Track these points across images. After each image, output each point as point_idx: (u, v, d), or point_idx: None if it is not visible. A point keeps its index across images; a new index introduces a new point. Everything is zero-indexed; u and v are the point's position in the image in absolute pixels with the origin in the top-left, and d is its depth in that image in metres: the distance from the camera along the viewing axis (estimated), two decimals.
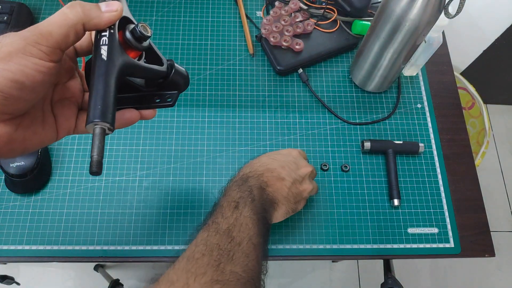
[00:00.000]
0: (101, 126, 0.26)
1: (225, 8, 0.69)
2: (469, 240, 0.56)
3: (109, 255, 0.51)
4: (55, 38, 0.26)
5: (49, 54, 0.27)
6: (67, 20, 0.27)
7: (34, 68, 0.26)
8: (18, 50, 0.25)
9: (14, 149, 0.29)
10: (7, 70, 0.25)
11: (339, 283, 1.31)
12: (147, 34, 0.29)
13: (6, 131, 0.27)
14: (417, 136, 0.61)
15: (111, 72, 0.27)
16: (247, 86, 0.63)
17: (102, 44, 0.27)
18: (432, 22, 0.49)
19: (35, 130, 0.30)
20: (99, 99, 0.26)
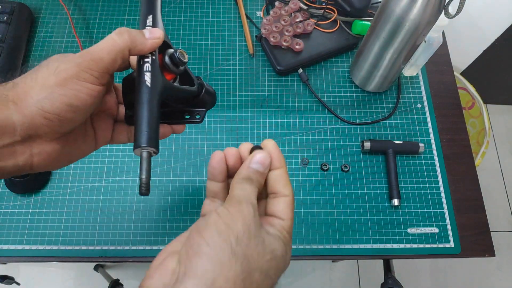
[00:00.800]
0: (147, 150, 0.28)
1: (225, 8, 0.69)
2: (469, 240, 0.56)
3: (109, 255, 0.51)
4: (105, 63, 0.28)
5: (99, 78, 0.28)
6: (116, 46, 0.29)
7: (86, 92, 0.28)
8: (73, 76, 0.27)
9: (61, 163, 0.31)
10: (63, 95, 0.27)
11: (339, 283, 1.31)
12: (184, 60, 0.32)
13: (56, 148, 0.29)
14: (417, 136, 0.61)
15: (154, 98, 0.29)
16: (247, 86, 0.63)
17: (146, 71, 0.29)
18: (432, 22, 0.49)
19: (79, 144, 0.32)
20: (145, 125, 0.28)
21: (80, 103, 0.28)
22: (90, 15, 0.66)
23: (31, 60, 0.62)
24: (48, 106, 0.27)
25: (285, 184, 0.30)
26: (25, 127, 0.27)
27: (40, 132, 0.28)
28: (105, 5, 0.67)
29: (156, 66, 0.30)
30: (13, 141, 0.27)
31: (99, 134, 0.34)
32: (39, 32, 0.64)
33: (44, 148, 0.29)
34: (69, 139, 0.31)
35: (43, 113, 0.27)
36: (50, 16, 0.66)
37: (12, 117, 0.26)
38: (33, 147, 0.28)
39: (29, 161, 0.28)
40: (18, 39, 0.60)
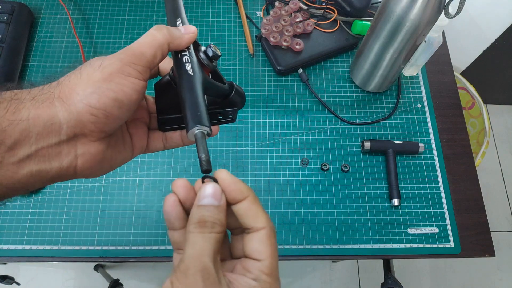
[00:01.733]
0: (201, 130, 0.28)
1: (225, 8, 0.69)
2: (469, 240, 0.56)
3: (109, 255, 0.51)
4: (147, 58, 0.28)
5: (142, 73, 0.28)
6: (156, 41, 0.29)
7: (131, 87, 0.28)
8: (117, 70, 0.27)
9: (103, 168, 0.31)
10: (109, 89, 0.27)
11: (339, 283, 1.31)
12: (218, 54, 0.32)
13: (101, 149, 0.29)
14: (417, 136, 0.61)
15: (198, 84, 0.30)
16: (247, 86, 0.63)
17: (186, 62, 0.30)
18: (432, 22, 0.49)
19: (119, 149, 0.32)
20: (195, 107, 0.28)
21: (126, 98, 0.28)
22: (90, 15, 0.66)
23: (31, 60, 0.62)
24: (95, 101, 0.26)
25: (255, 215, 0.27)
26: (72, 125, 0.26)
27: (86, 130, 0.27)
28: (105, 5, 0.67)
29: (194, 59, 0.31)
30: (59, 141, 0.26)
31: (135, 141, 0.34)
32: (39, 32, 0.64)
33: (89, 149, 0.28)
34: (111, 142, 0.30)
35: (90, 109, 0.26)
36: (50, 16, 0.66)
37: (58, 115, 0.26)
38: (78, 147, 0.28)
39: (73, 163, 0.28)
40: (18, 39, 0.60)
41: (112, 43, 0.64)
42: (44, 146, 0.26)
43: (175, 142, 0.35)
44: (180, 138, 0.35)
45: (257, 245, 0.26)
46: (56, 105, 0.26)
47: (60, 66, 0.62)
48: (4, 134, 0.24)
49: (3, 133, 0.24)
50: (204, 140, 0.28)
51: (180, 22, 0.32)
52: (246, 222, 0.27)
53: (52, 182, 0.28)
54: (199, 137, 0.28)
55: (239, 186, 0.27)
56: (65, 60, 0.62)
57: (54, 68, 0.62)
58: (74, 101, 0.26)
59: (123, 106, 0.28)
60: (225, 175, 0.28)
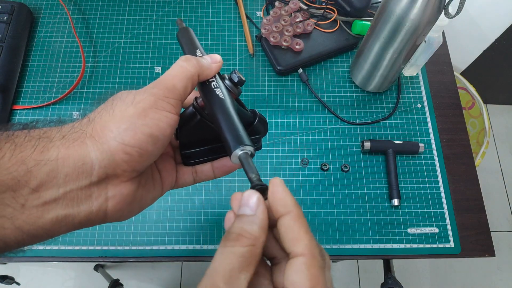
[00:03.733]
0: (245, 151, 0.27)
1: (225, 8, 0.69)
2: (469, 240, 0.56)
3: (109, 255, 0.51)
4: (178, 91, 0.28)
5: (175, 106, 0.27)
6: (187, 73, 0.28)
7: (166, 121, 0.26)
8: (151, 105, 0.26)
9: (133, 210, 0.29)
10: (144, 125, 0.25)
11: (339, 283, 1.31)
12: (243, 79, 0.32)
13: (132, 189, 0.27)
14: (417, 136, 0.61)
15: (231, 107, 0.29)
16: (247, 86, 0.63)
17: (215, 88, 0.30)
18: (432, 22, 0.49)
19: (149, 188, 0.30)
20: (234, 129, 0.28)
21: (160, 133, 0.26)
22: (90, 15, 0.66)
23: (31, 60, 0.62)
24: (129, 138, 0.25)
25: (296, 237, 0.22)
26: (104, 165, 0.25)
27: (119, 170, 0.25)
28: (105, 5, 0.67)
29: (222, 84, 0.31)
30: (89, 182, 0.25)
31: (164, 177, 0.32)
32: (39, 32, 0.64)
33: (120, 190, 0.26)
34: (141, 181, 0.29)
35: (124, 147, 0.25)
36: (50, 16, 0.66)
37: (90, 154, 0.24)
38: (108, 189, 0.26)
39: (103, 206, 0.26)
40: (18, 39, 0.60)
41: (112, 43, 0.64)
42: (73, 188, 0.24)
43: (206, 175, 0.34)
44: (211, 170, 0.34)
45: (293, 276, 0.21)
46: (87, 144, 0.25)
47: (60, 66, 0.62)
48: (29, 175, 0.23)
49: (28, 174, 0.23)
50: (250, 160, 0.27)
51: (200, 53, 0.32)
52: (285, 245, 0.23)
53: (80, 227, 0.26)
54: (244, 158, 0.27)
55: (285, 197, 0.24)
56: (65, 60, 0.62)
57: (54, 68, 0.62)
58: (107, 139, 0.25)
59: (158, 142, 0.26)
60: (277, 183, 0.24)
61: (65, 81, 0.61)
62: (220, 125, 0.28)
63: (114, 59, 0.63)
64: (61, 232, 0.25)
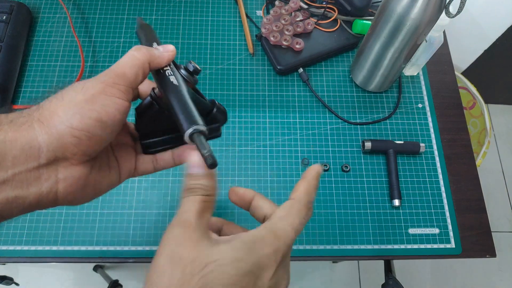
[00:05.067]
0: (198, 129, 0.28)
1: (225, 7, 0.69)
2: (470, 241, 0.55)
3: (109, 256, 0.51)
4: (128, 78, 0.29)
5: (125, 93, 0.29)
6: (136, 61, 0.29)
7: (114, 107, 0.28)
8: (100, 91, 0.27)
9: (87, 194, 0.30)
10: (93, 110, 0.26)
11: (339, 283, 1.31)
12: (199, 69, 0.33)
13: (83, 173, 0.28)
14: (418, 136, 0.61)
15: (185, 92, 0.30)
16: (247, 86, 0.63)
17: (169, 75, 0.31)
18: (433, 22, 0.49)
19: (104, 174, 0.31)
20: (187, 111, 0.29)
21: (109, 118, 0.27)
22: (89, 15, 0.66)
23: (30, 60, 0.62)
24: (77, 122, 0.26)
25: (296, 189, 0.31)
26: (52, 148, 0.26)
27: (68, 153, 0.26)
28: (104, 5, 0.67)
29: (176, 72, 0.32)
30: (38, 165, 0.26)
31: (122, 165, 0.33)
32: (38, 32, 0.64)
33: (71, 173, 0.27)
34: (95, 165, 0.30)
35: (72, 130, 0.26)
36: (49, 16, 0.66)
37: (37, 137, 0.25)
38: (58, 171, 0.27)
39: (54, 188, 0.27)
40: (17, 39, 0.60)
41: (111, 43, 0.64)
42: (22, 170, 0.25)
43: (166, 162, 0.35)
44: (171, 157, 0.35)
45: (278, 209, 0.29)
46: (35, 128, 0.25)
47: (59, 66, 0.62)
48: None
49: None
50: (202, 138, 0.28)
51: (156, 44, 0.33)
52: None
53: (31, 209, 0.27)
54: (196, 136, 0.28)
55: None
56: (64, 60, 0.62)
57: (53, 67, 0.62)
58: (55, 123, 0.26)
59: (107, 127, 0.27)
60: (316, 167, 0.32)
61: (64, 81, 0.61)
62: (174, 109, 0.29)
63: (113, 58, 0.63)
64: (13, 214, 0.26)
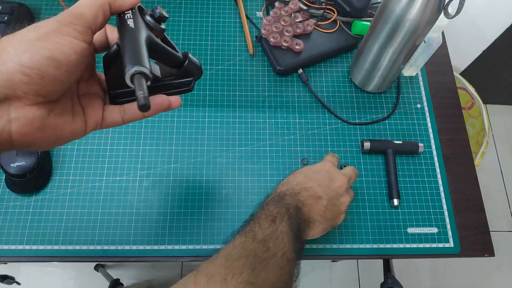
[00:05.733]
0: (139, 70, 0.27)
1: (225, 8, 0.69)
2: (469, 240, 0.56)
3: (109, 255, 0.51)
4: (87, 18, 0.28)
5: (82, 34, 0.27)
6: (96, 1, 0.28)
7: (70, 46, 0.27)
8: (54, 30, 0.26)
9: (47, 138, 0.29)
10: (45, 48, 0.25)
11: (339, 282, 1.31)
12: (165, 15, 0.32)
13: (39, 114, 0.27)
14: (416, 136, 0.61)
15: (140, 36, 0.29)
16: (247, 86, 0.63)
17: (128, 19, 0.30)
18: (431, 22, 0.49)
19: (66, 120, 0.30)
20: (133, 51, 0.27)
21: (64, 57, 0.26)
22: None
23: None
24: (27, 59, 0.25)
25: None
26: (1, 85, 0.25)
27: (19, 92, 0.25)
28: None
29: (139, 17, 0.30)
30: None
31: (89, 114, 0.32)
32: None
33: (25, 113, 0.26)
34: (55, 109, 0.29)
35: (21, 68, 0.25)
36: (50, 16, 0.66)
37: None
38: (11, 111, 0.26)
39: (6, 127, 0.26)
40: None
41: None
42: None
43: (134, 112, 0.34)
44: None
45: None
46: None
47: None
48: None
49: None
50: (143, 81, 0.26)
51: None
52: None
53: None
54: (137, 78, 0.26)
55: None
56: None
57: None
58: (4, 61, 0.25)
59: (61, 66, 0.26)
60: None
61: None
62: (123, 49, 0.28)
63: None
64: None
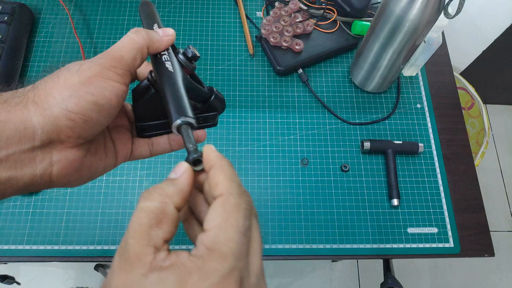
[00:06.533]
0: (186, 121, 0.27)
1: (225, 8, 0.69)
2: (469, 240, 0.56)
3: (110, 255, 0.51)
4: (126, 61, 0.28)
5: (122, 77, 0.28)
6: (135, 44, 0.28)
7: (111, 90, 0.27)
8: (97, 74, 0.26)
9: (82, 177, 0.29)
10: (89, 93, 0.26)
11: (339, 282, 1.31)
12: (197, 54, 0.32)
13: (78, 156, 0.28)
14: (416, 136, 0.61)
15: (179, 80, 0.29)
16: (247, 86, 0.63)
17: (165, 61, 0.30)
18: (431, 23, 0.49)
19: (100, 156, 0.31)
20: (178, 100, 0.28)
21: (105, 101, 0.27)
22: (90, 16, 0.67)
23: (31, 60, 0.62)
24: (72, 104, 0.25)
25: (215, 184, 0.23)
26: (46, 130, 0.25)
27: (62, 136, 0.26)
28: (105, 6, 0.67)
29: (174, 59, 0.31)
30: (32, 146, 0.25)
31: (119, 148, 0.33)
32: (39, 33, 0.64)
33: (66, 155, 0.27)
34: (91, 148, 0.29)
35: (67, 113, 0.25)
36: (50, 17, 0.66)
37: (32, 119, 0.25)
38: (53, 154, 0.26)
39: (48, 170, 0.26)
40: (19, 40, 0.60)
41: (112, 43, 0.64)
42: (15, 151, 0.24)
43: (162, 147, 0.34)
44: (167, 142, 0.34)
45: (209, 214, 0.22)
46: (29, 109, 0.25)
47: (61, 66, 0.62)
48: None
49: None
50: (190, 131, 0.27)
51: (157, 26, 0.33)
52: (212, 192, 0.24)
53: (25, 190, 0.26)
54: (184, 128, 0.27)
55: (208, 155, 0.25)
56: (65, 60, 0.63)
57: (55, 68, 0.62)
58: (50, 105, 0.25)
59: (103, 110, 0.27)
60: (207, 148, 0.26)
61: None
62: (166, 97, 0.28)
63: None
64: (6, 194, 0.25)
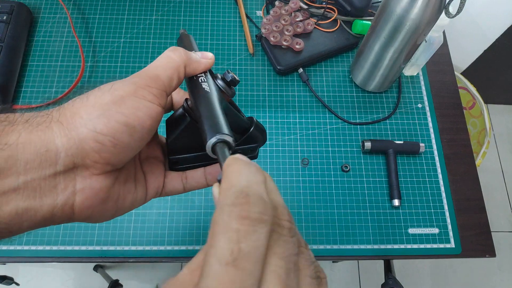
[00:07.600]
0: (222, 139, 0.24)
1: (225, 8, 0.69)
2: (470, 240, 0.55)
3: (109, 256, 0.51)
4: (162, 80, 0.26)
5: (158, 97, 0.25)
6: (172, 63, 0.26)
7: (145, 111, 0.24)
8: (130, 93, 0.24)
9: (108, 210, 0.26)
10: (120, 113, 0.23)
11: (339, 283, 1.31)
12: (237, 79, 0.30)
13: (105, 185, 0.24)
14: (417, 136, 0.61)
15: (216, 100, 0.27)
16: (247, 86, 0.63)
17: (202, 82, 0.28)
18: (432, 22, 0.49)
19: (129, 188, 0.27)
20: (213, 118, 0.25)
21: (138, 123, 0.24)
22: (89, 15, 0.66)
23: (30, 60, 0.62)
24: (101, 125, 0.22)
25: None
26: (71, 153, 0.22)
27: (88, 160, 0.23)
28: (104, 5, 0.67)
29: (211, 81, 0.29)
30: (54, 172, 0.22)
31: (150, 180, 0.29)
32: (38, 32, 0.64)
33: (90, 183, 0.23)
34: (120, 178, 0.26)
35: (95, 134, 0.22)
36: (49, 16, 0.66)
37: (55, 140, 0.22)
38: (77, 181, 0.23)
39: (70, 200, 0.23)
40: (18, 39, 0.60)
41: (111, 43, 0.64)
42: (35, 177, 0.21)
43: (197, 181, 0.31)
44: (203, 176, 0.31)
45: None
46: (53, 129, 0.22)
47: (60, 66, 0.62)
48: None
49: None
50: (226, 151, 0.23)
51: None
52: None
53: (42, 224, 0.23)
54: (220, 147, 0.23)
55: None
56: (64, 60, 0.62)
57: (54, 67, 0.62)
58: (76, 125, 0.22)
59: (135, 133, 0.24)
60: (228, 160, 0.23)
61: (64, 81, 0.61)
62: (201, 118, 0.25)
63: (113, 58, 0.63)
64: (22, 229, 0.22)
